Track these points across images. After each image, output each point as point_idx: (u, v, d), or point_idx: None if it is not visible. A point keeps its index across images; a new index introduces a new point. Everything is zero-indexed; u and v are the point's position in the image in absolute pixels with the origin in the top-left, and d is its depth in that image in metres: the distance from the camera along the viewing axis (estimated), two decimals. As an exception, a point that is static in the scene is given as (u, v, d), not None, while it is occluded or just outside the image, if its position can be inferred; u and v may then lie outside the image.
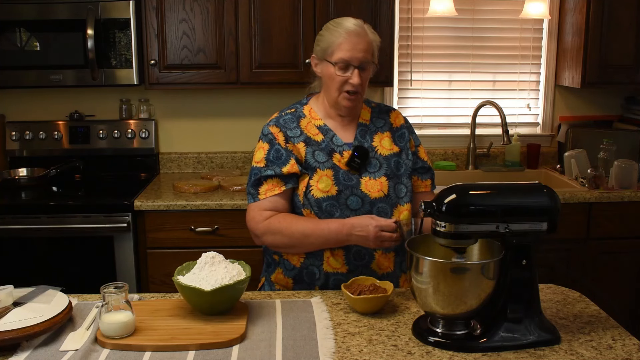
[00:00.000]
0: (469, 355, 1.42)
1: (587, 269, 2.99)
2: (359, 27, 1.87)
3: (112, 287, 1.48)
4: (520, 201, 1.48)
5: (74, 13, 2.90)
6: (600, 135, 3.32)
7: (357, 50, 1.84)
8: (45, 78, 2.97)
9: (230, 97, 3.40)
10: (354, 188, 1.87)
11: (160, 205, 2.77)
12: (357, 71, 1.85)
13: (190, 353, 1.42)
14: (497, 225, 1.45)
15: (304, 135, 1.92)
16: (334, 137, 1.93)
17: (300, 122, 1.95)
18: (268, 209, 1.87)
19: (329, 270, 1.87)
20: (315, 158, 1.90)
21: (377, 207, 1.88)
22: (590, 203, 2.94)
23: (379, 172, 1.91)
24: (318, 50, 1.92)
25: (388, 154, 1.95)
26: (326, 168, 1.88)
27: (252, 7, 2.97)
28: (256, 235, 1.89)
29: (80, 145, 3.28)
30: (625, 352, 1.43)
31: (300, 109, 1.99)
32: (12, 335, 1.41)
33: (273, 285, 1.98)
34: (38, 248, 2.78)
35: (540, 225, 1.47)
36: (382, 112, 2.04)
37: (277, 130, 1.93)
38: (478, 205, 1.45)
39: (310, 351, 1.43)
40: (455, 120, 3.58)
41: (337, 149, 1.91)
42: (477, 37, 3.49)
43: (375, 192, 1.88)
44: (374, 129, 1.98)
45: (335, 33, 1.87)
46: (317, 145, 1.91)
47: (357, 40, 1.84)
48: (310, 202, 1.86)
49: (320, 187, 1.85)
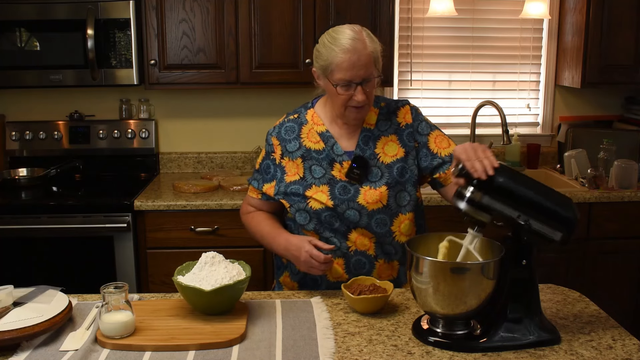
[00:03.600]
0: (469, 355, 1.42)
1: (587, 269, 2.98)
2: (355, 42, 1.73)
3: (112, 287, 1.48)
4: (549, 204, 1.48)
5: (74, 13, 2.90)
6: (600, 135, 3.32)
7: (357, 68, 1.73)
8: (45, 78, 2.97)
9: (230, 97, 3.40)
10: (350, 201, 1.83)
11: (160, 205, 2.77)
12: (360, 88, 1.76)
13: (190, 353, 1.42)
14: (519, 215, 1.45)
15: (302, 149, 1.88)
16: (335, 145, 1.87)
17: (302, 129, 1.90)
18: (252, 205, 2.00)
19: (330, 278, 1.88)
20: (312, 174, 1.86)
21: (375, 219, 1.84)
22: (590, 203, 2.94)
23: (380, 182, 1.85)
24: (317, 66, 1.82)
25: (391, 162, 1.87)
26: (322, 184, 1.85)
27: (252, 7, 2.97)
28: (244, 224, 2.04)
29: (80, 145, 3.28)
30: (625, 352, 1.43)
31: (304, 115, 1.93)
32: (12, 335, 1.41)
33: (282, 287, 2.00)
34: (38, 248, 2.78)
35: (555, 233, 1.48)
36: (390, 112, 1.93)
37: (277, 143, 1.92)
38: (512, 187, 1.46)
39: (310, 351, 1.43)
40: (455, 120, 3.58)
41: (337, 158, 1.86)
42: (477, 37, 3.49)
43: (373, 203, 1.83)
44: (377, 133, 1.90)
45: (332, 52, 1.75)
46: (316, 156, 1.87)
47: (355, 58, 1.72)
48: (310, 215, 1.84)
49: (317, 199, 1.84)
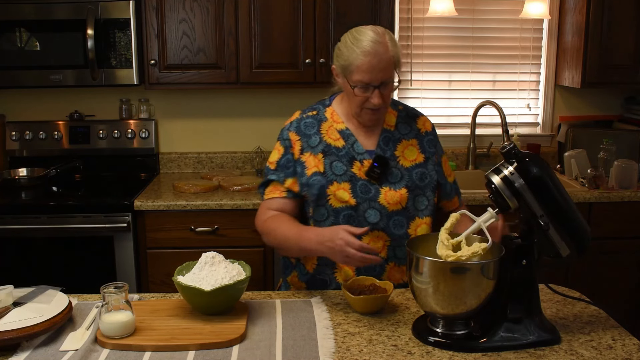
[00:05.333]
0: (469, 355, 1.42)
1: (587, 269, 2.99)
2: (378, 45, 1.73)
3: (112, 287, 1.48)
4: (573, 218, 1.48)
5: (74, 13, 2.90)
6: (600, 135, 3.32)
7: (377, 71, 1.73)
8: (45, 78, 2.97)
9: (230, 97, 3.40)
10: (371, 201, 1.82)
11: (160, 205, 2.77)
12: (377, 91, 1.76)
13: (190, 353, 1.42)
14: (543, 215, 1.45)
15: (323, 144, 1.86)
16: (355, 143, 1.86)
17: (322, 126, 1.89)
18: (273, 209, 1.87)
19: (340, 280, 1.85)
20: (333, 170, 1.84)
21: (393, 220, 1.83)
22: (590, 203, 2.94)
23: (400, 184, 1.85)
24: (338, 65, 1.83)
25: (410, 165, 1.87)
26: (343, 181, 1.82)
27: (252, 7, 2.97)
28: (260, 233, 1.90)
29: (80, 145, 3.28)
30: (625, 352, 1.43)
31: (323, 112, 1.92)
32: (12, 335, 1.41)
33: (289, 286, 1.97)
34: (38, 248, 2.78)
35: (564, 249, 1.48)
36: (409, 117, 1.95)
37: (296, 138, 1.89)
38: (548, 184, 1.45)
39: (310, 351, 1.43)
40: (455, 120, 3.58)
41: (358, 157, 1.85)
42: (477, 37, 3.49)
43: (394, 204, 1.83)
44: (398, 136, 1.90)
45: (353, 52, 1.75)
46: (336, 153, 1.85)
47: (376, 61, 1.72)
48: (329, 211, 1.82)
49: (338, 197, 1.81)
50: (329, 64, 3.00)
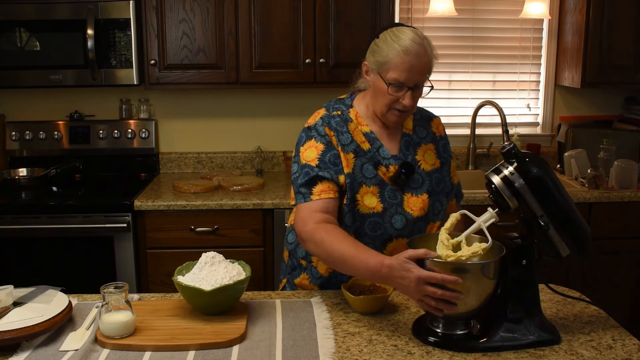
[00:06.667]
0: (469, 355, 1.42)
1: (587, 269, 2.99)
2: (418, 46, 1.69)
3: (112, 287, 1.48)
4: (574, 219, 1.48)
5: (74, 13, 2.90)
6: (600, 135, 3.32)
7: (414, 72, 1.69)
8: (45, 78, 2.97)
9: (230, 97, 3.40)
10: (398, 206, 1.78)
11: (160, 205, 2.77)
12: (410, 93, 1.71)
13: (190, 353, 1.42)
14: (543, 215, 1.45)
15: (354, 144, 1.79)
16: (381, 148, 1.81)
17: (349, 126, 1.82)
18: (320, 211, 1.70)
19: None
20: (364, 173, 1.78)
21: (417, 226, 1.80)
22: (590, 203, 2.94)
23: (421, 189, 1.81)
24: (372, 61, 1.76)
25: (430, 170, 1.85)
26: (373, 185, 1.77)
27: (252, 7, 2.97)
28: (302, 239, 1.70)
29: (80, 145, 3.29)
30: (625, 352, 1.43)
31: (347, 112, 1.84)
32: (12, 335, 1.41)
33: (296, 288, 1.92)
34: (38, 248, 2.78)
35: (564, 249, 1.48)
36: (424, 120, 1.92)
37: (332, 134, 1.78)
38: (548, 184, 1.45)
39: (310, 351, 1.43)
40: (455, 120, 3.58)
41: (383, 161, 1.79)
42: (477, 37, 3.49)
43: (417, 210, 1.79)
44: (417, 140, 1.86)
45: (393, 50, 1.69)
46: (364, 155, 1.80)
47: (416, 61, 1.68)
48: (355, 217, 1.76)
49: (366, 203, 1.76)
50: (329, 64, 3.00)
